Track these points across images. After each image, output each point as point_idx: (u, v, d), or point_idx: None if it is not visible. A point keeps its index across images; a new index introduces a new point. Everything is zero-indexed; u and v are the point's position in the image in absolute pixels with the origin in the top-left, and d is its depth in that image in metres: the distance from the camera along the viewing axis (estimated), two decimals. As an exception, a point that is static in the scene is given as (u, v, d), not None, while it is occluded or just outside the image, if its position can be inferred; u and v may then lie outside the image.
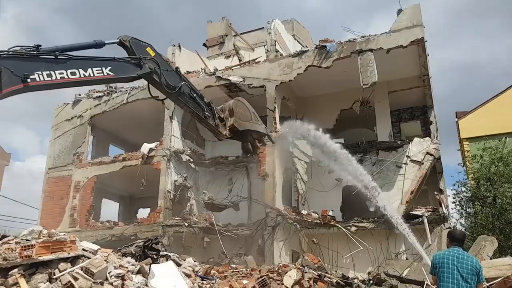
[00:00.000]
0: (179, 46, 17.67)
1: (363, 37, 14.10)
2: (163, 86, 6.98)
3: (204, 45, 21.82)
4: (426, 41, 13.66)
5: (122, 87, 17.58)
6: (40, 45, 5.54)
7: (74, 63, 5.80)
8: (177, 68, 7.54)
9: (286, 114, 16.18)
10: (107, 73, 6.10)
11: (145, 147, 15.60)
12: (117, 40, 6.55)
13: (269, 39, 16.07)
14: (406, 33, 13.50)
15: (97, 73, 5.99)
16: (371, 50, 13.62)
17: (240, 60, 18.41)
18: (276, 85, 15.07)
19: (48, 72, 5.48)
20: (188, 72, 16.87)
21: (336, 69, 14.36)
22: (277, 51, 15.97)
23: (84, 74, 5.85)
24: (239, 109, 8.73)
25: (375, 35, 13.98)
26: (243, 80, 15.54)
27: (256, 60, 16.66)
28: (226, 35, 21.19)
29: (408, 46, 13.44)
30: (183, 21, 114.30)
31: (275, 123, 14.73)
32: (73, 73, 5.74)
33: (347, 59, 14.04)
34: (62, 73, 5.62)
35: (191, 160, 16.13)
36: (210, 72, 16.39)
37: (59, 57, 5.64)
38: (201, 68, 17.47)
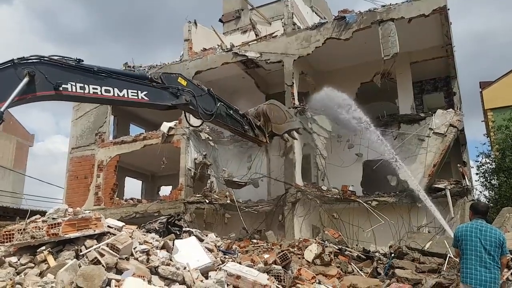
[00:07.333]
0: (195, 22, 17.49)
1: (383, 6, 13.65)
2: (199, 114, 7.03)
3: (220, 20, 21.51)
4: (448, 9, 13.13)
5: (140, 66, 17.59)
6: (82, 60, 5.46)
7: (111, 81, 5.69)
8: (209, 89, 7.45)
9: (304, 89, 15.94)
10: (141, 97, 5.98)
11: (165, 126, 15.73)
12: (149, 76, 6.47)
13: (286, 12, 15.72)
14: (428, 1, 12.99)
15: (132, 95, 5.88)
16: (392, 19, 13.18)
17: (256, 35, 18.10)
18: (294, 60, 14.80)
19: (81, 85, 5.41)
20: (205, 49, 16.77)
21: (355, 41, 13.98)
22: (294, 24, 15.61)
23: (118, 94, 5.74)
24: (274, 113, 8.84)
25: (396, 4, 13.50)
26: (260, 56, 15.33)
27: (273, 35, 16.35)
28: (242, 10, 20.80)
29: (430, 14, 12.95)
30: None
31: (293, 98, 14.55)
32: (107, 91, 5.64)
33: (367, 30, 13.63)
34: (96, 89, 5.54)
35: (210, 138, 16.21)
36: (227, 49, 16.22)
37: (97, 72, 5.53)
38: (218, 45, 17.27)
